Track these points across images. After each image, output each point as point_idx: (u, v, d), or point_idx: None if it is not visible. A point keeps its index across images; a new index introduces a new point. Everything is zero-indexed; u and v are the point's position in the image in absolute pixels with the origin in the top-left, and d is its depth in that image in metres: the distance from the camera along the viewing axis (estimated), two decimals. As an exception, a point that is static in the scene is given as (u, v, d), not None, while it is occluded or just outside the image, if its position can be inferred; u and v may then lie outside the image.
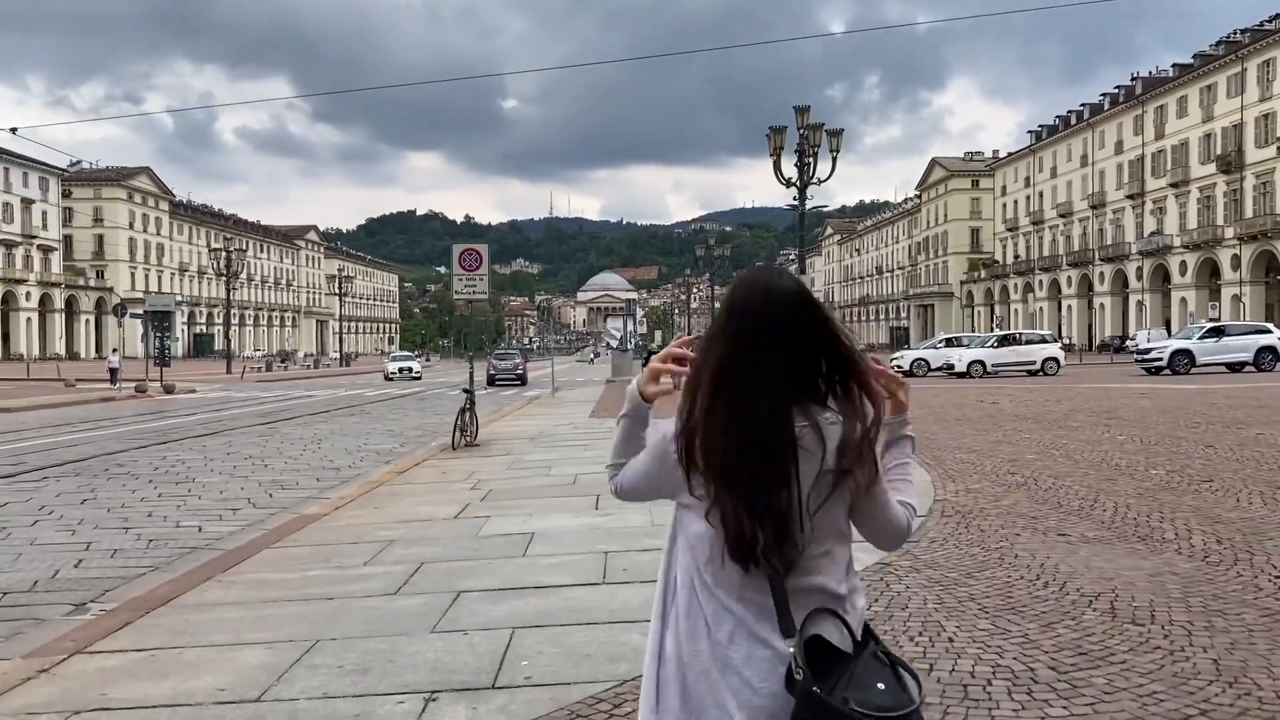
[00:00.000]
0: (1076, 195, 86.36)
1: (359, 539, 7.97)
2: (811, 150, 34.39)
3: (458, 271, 15.42)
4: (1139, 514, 7.57)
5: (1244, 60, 63.53)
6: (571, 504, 9.23)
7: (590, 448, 14.32)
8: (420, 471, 12.41)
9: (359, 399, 33.10)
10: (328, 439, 18.31)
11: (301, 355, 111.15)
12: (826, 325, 1.82)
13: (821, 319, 1.82)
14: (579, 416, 21.13)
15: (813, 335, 1.80)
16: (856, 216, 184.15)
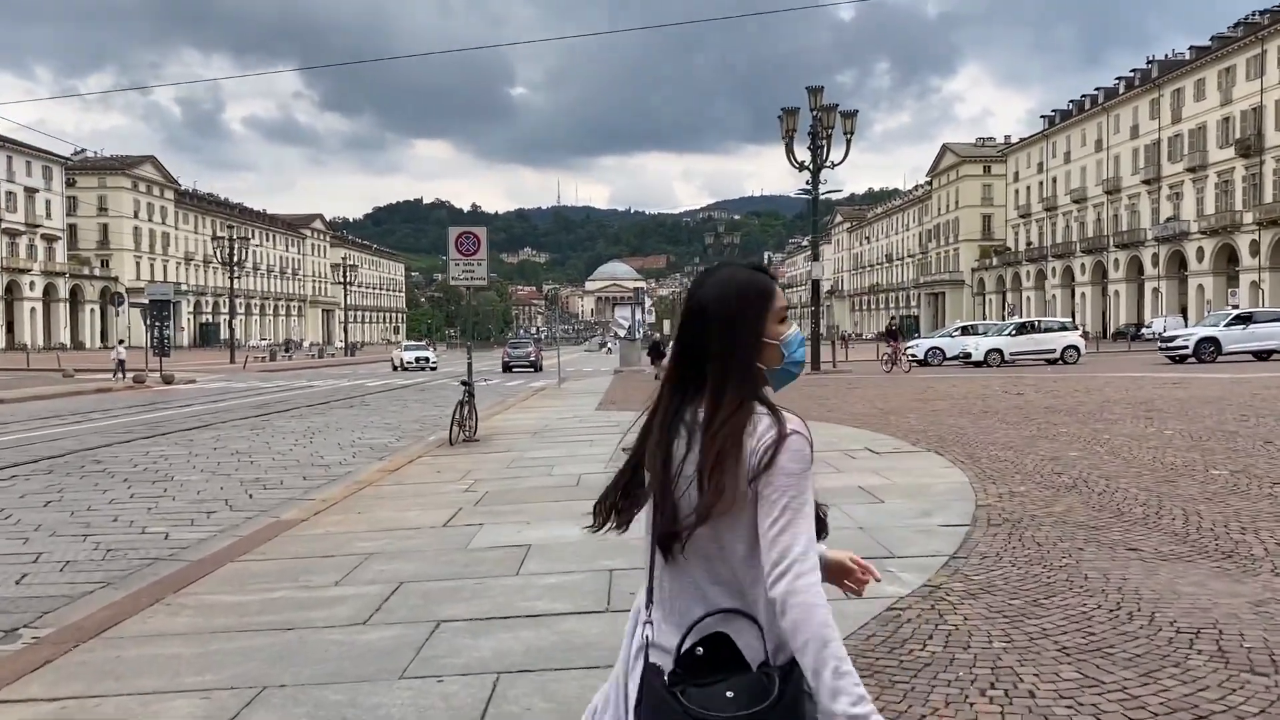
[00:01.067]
0: (1091, 181, 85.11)
1: (335, 551, 7.12)
2: (825, 132, 33.45)
3: (454, 256, 14.54)
4: (1215, 524, 6.68)
5: (1264, 42, 62.23)
6: (573, 509, 8.36)
7: (596, 443, 13.46)
8: (413, 470, 11.56)
9: (360, 390, 32.29)
10: (321, 432, 17.49)
11: (307, 345, 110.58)
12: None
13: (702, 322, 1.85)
14: (585, 409, 20.27)
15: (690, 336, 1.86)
16: (866, 204, 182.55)
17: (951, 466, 9.74)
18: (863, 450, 11.35)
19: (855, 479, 9.24)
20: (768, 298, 1.82)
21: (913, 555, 6.16)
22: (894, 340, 35.56)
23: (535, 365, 46.12)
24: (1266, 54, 62.20)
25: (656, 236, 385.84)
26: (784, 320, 1.84)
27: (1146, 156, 76.28)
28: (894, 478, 9.24)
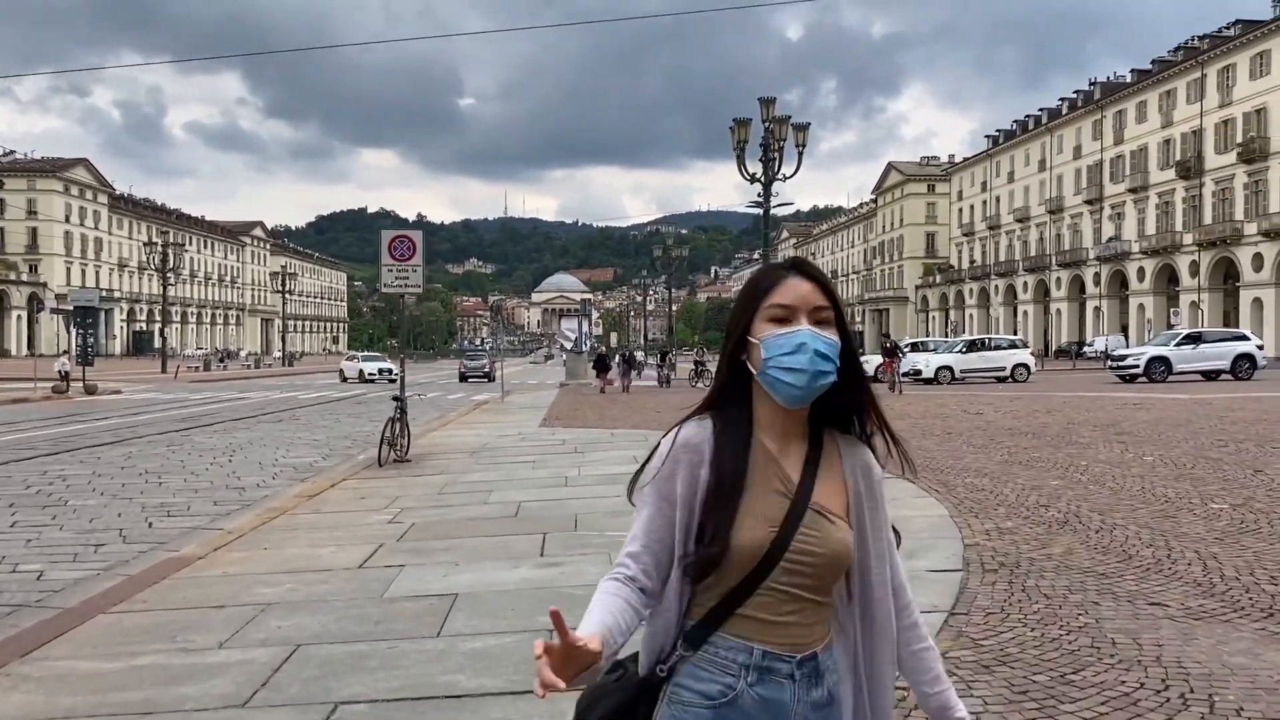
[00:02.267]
0: (1034, 200, 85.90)
1: (229, 599, 6.08)
2: (777, 145, 32.79)
3: (387, 261, 13.46)
4: (1239, 572, 5.90)
5: (1204, 66, 63.15)
6: (511, 546, 7.39)
7: (539, 465, 12.49)
8: (334, 495, 10.48)
9: (292, 402, 30.91)
10: (244, 450, 16.28)
11: (244, 354, 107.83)
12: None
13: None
14: (528, 426, 19.26)
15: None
16: (811, 221, 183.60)
17: (926, 496, 8.93)
18: (827, 476, 10.51)
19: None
20: (755, 291, 1.66)
21: (905, 611, 5.28)
22: (891, 359, 31.05)
23: (490, 376, 49.23)
24: (1206, 78, 63.12)
25: (604, 249, 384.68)
26: (780, 320, 1.61)
27: (1089, 177, 77.11)
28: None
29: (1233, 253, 60.22)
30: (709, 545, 1.56)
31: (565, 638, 1.40)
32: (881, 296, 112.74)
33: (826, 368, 1.59)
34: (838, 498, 1.63)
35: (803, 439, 1.66)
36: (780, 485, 1.60)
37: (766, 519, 1.57)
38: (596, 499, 9.44)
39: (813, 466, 1.63)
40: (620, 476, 11.03)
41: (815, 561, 1.57)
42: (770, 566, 1.55)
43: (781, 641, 1.57)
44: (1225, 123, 61.26)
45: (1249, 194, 59.48)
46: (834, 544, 1.58)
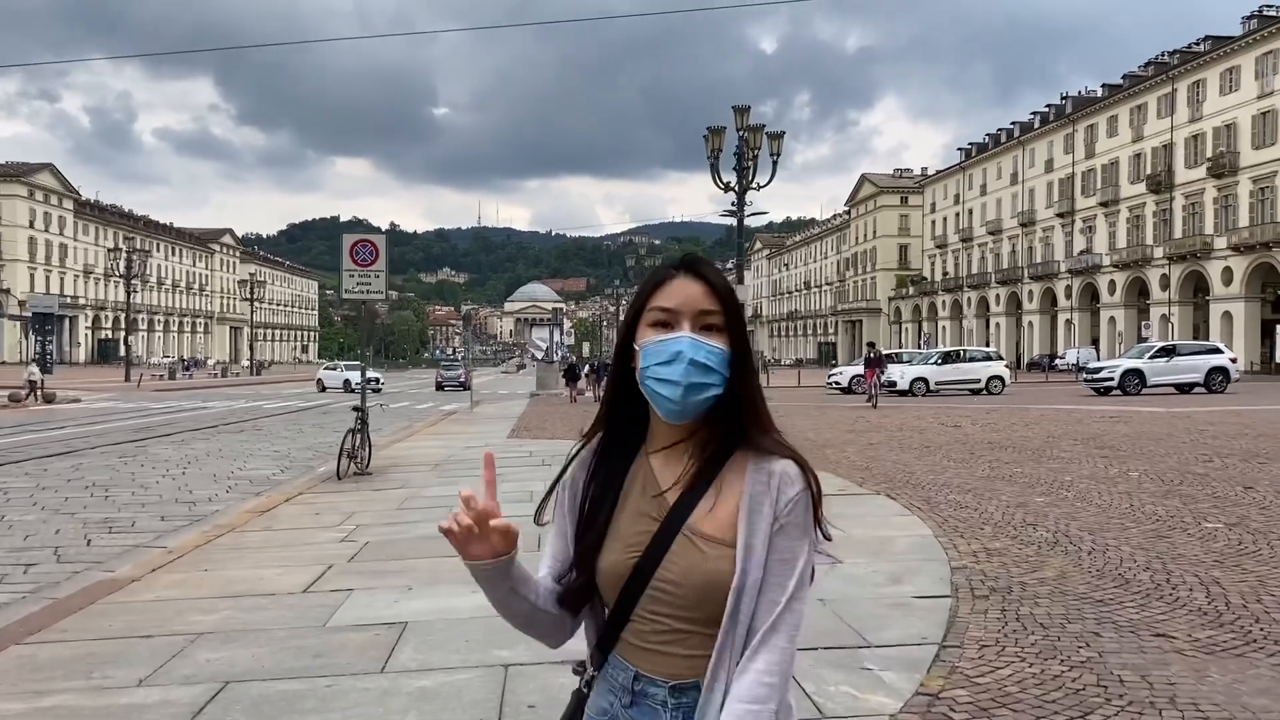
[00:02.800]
0: (1006, 213, 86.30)
1: (158, 628, 5.58)
2: (751, 153, 32.52)
3: (349, 266, 12.93)
4: (1244, 599, 5.53)
5: (1174, 81, 63.66)
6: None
7: (504, 479, 11.98)
8: (287, 511, 9.96)
9: (256, 412, 30.22)
10: (199, 462, 15.69)
11: (211, 363, 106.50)
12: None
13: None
14: (496, 437, 18.76)
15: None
16: (784, 232, 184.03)
17: (909, 514, 8.54)
18: (804, 492, 10.10)
19: (802, 530, 7.97)
20: (641, 291, 1.53)
21: (893, 644, 4.88)
22: (873, 369, 29.34)
23: (465, 385, 50.51)
24: (1176, 93, 63.61)
25: (577, 259, 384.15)
26: (662, 325, 1.47)
27: (1060, 190, 77.54)
28: (847, 528, 7.98)
29: (1203, 266, 60.60)
30: (571, 573, 1.54)
31: (491, 498, 1.45)
32: (855, 308, 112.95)
33: (704, 379, 1.45)
34: (728, 520, 1.45)
35: (696, 456, 1.50)
36: (652, 508, 1.49)
37: (630, 544, 1.47)
38: (563, 516, 8.98)
39: (699, 487, 1.47)
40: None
41: (680, 591, 1.44)
42: (635, 594, 1.46)
43: (656, 668, 1.47)
44: (1195, 137, 61.72)
45: (1219, 208, 59.91)
46: (702, 573, 1.43)
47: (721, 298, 1.48)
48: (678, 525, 1.46)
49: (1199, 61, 61.60)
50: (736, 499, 1.46)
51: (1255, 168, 56.71)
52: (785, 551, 1.43)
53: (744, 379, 1.49)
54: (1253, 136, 56.82)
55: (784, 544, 1.43)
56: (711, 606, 1.43)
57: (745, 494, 1.45)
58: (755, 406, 1.50)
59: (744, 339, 1.51)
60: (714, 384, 1.46)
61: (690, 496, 1.47)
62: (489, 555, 1.46)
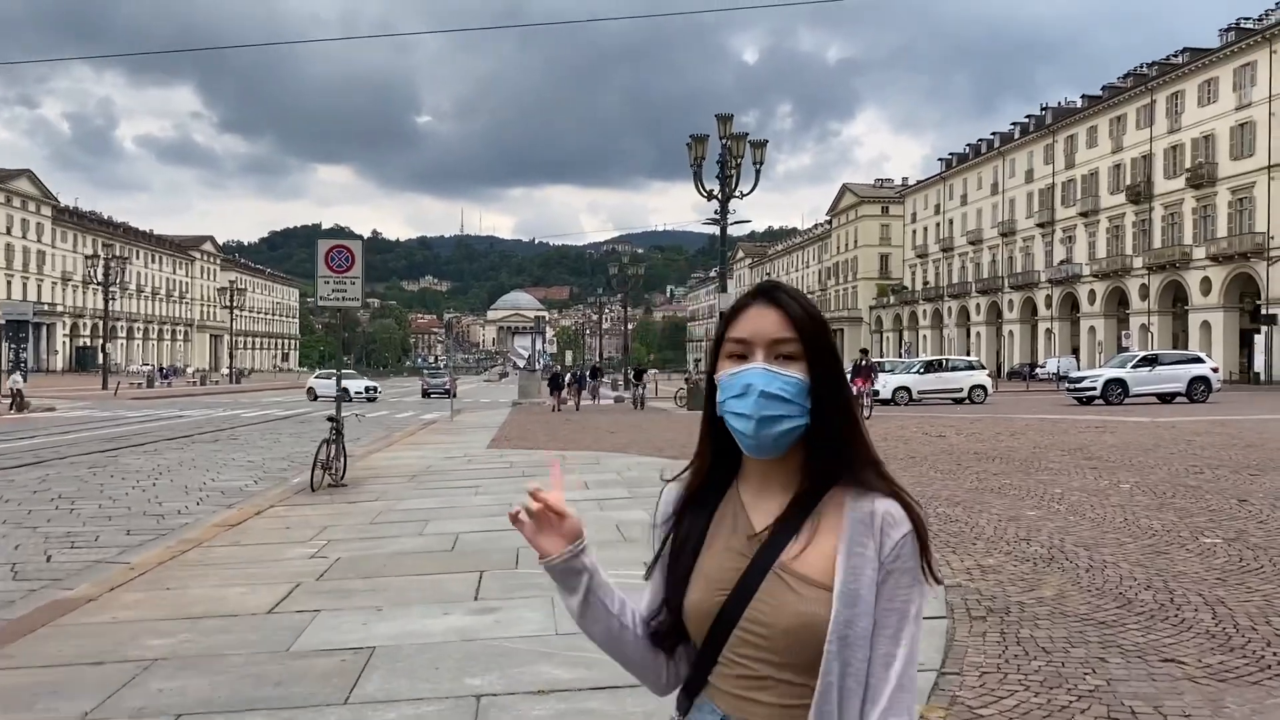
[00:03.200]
0: (986, 223, 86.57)
1: (110, 654, 5.27)
2: (734, 162, 32.36)
3: (324, 272, 12.62)
4: (1253, 620, 5.31)
5: (1153, 93, 64.01)
6: (444, 586, 6.63)
7: (482, 491, 11.71)
8: (258, 525, 9.63)
9: (233, 421, 29.79)
10: (171, 472, 15.31)
11: (190, 371, 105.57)
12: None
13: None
14: (476, 447, 18.44)
15: None
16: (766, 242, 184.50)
17: (898, 528, 8.28)
18: (790, 505, 9.87)
19: (789, 545, 7.72)
20: (721, 323, 1.49)
21: (888, 670, 4.61)
22: (864, 377, 27.50)
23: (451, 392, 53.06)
24: (1155, 105, 63.96)
25: (560, 268, 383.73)
26: (738, 356, 1.42)
27: (1040, 200, 77.82)
28: (834, 544, 7.74)
29: (1181, 276, 60.87)
30: (658, 611, 1.47)
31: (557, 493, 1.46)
32: (836, 317, 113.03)
33: (778, 411, 1.37)
34: (823, 562, 1.35)
35: (787, 490, 1.42)
36: (742, 545, 1.41)
37: (717, 582, 1.40)
38: (542, 530, 8.71)
39: (792, 524, 1.38)
40: (568, 503, 10.29)
41: (769, 633, 1.35)
42: (722, 635, 1.38)
43: (745, 715, 1.37)
44: (1174, 148, 62.05)
45: (1197, 219, 60.21)
46: (793, 615, 1.34)
47: (797, 324, 1.40)
48: (768, 563, 1.38)
49: (1177, 73, 61.96)
50: (833, 538, 1.37)
51: (1233, 178, 57.04)
52: (895, 600, 1.34)
53: (835, 409, 1.40)
54: (1230, 147, 57.15)
55: (893, 591, 1.34)
56: (803, 651, 1.35)
57: (844, 534, 1.36)
58: (851, 438, 1.41)
59: (830, 366, 1.41)
60: (791, 415, 1.38)
61: (782, 534, 1.39)
62: (558, 549, 1.44)
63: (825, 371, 1.40)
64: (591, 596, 1.47)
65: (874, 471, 1.40)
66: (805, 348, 1.40)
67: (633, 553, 7.54)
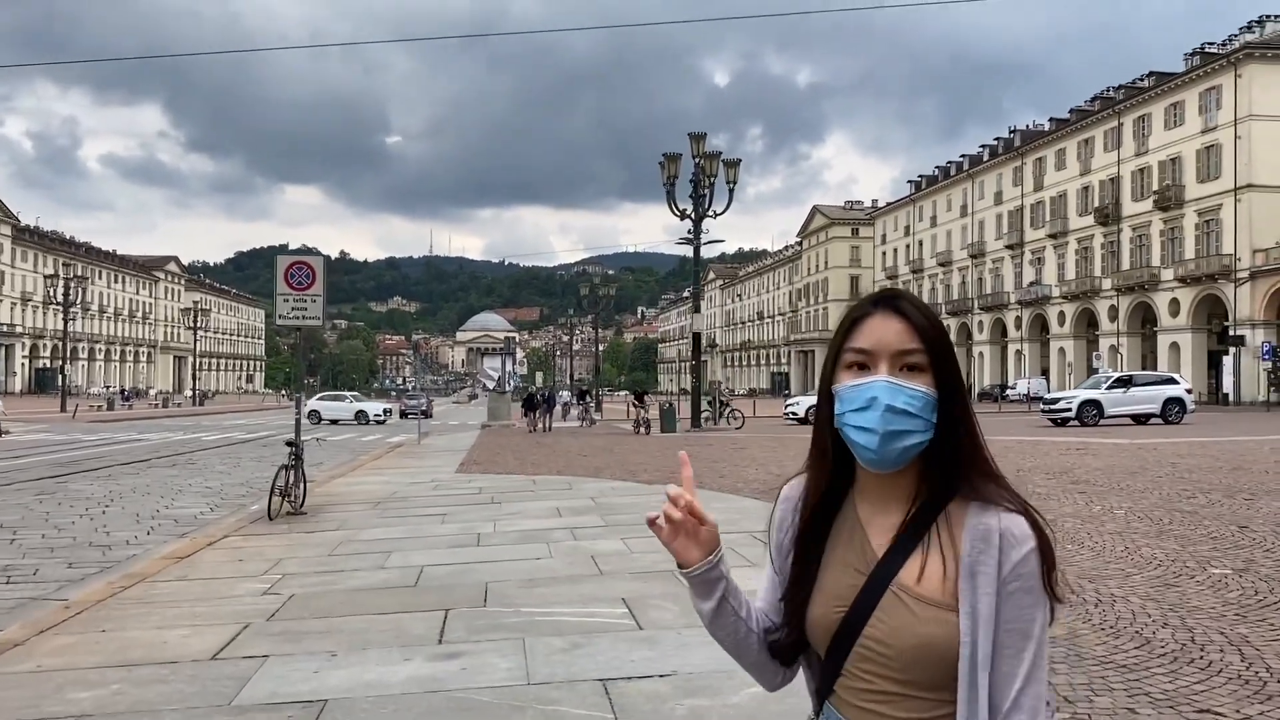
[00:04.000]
0: (956, 244, 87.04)
1: (29, 709, 4.71)
2: (708, 181, 32.10)
3: (283, 290, 12.07)
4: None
5: (1120, 116, 64.61)
6: (405, 627, 6.11)
7: (450, 519, 11.16)
8: (208, 557, 9.05)
9: (193, 444, 28.98)
10: (123, 499, 14.64)
11: (153, 393, 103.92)
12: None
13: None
14: (443, 471, 17.86)
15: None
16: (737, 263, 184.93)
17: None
18: (773, 533, 9.39)
19: (776, 578, 7.26)
20: (839, 330, 1.44)
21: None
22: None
23: (427, 413, 53.75)
24: (1123, 128, 64.55)
25: (531, 289, 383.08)
26: (858, 366, 1.38)
27: (1010, 222, 78.31)
28: (824, 576, 7.29)
29: (1150, 298, 61.27)
30: (781, 625, 1.47)
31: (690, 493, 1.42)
32: (807, 338, 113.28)
33: (904, 426, 1.32)
34: (942, 582, 1.32)
35: (905, 504, 1.38)
36: (859, 560, 1.38)
37: (836, 597, 1.38)
38: (511, 562, 8.19)
39: (909, 540, 1.35)
40: (539, 533, 9.78)
41: (890, 652, 1.32)
42: (844, 649, 1.36)
43: None
44: (1141, 171, 62.60)
45: (1165, 240, 60.68)
46: (914, 636, 1.31)
47: (923, 334, 1.36)
48: (885, 581, 1.35)
49: (1143, 97, 62.59)
50: (953, 556, 1.33)
51: (1200, 200, 57.56)
52: (1018, 620, 1.29)
53: (956, 422, 1.36)
54: (1197, 170, 57.70)
55: (1015, 612, 1.29)
56: (925, 670, 1.31)
57: (965, 552, 1.31)
58: (972, 451, 1.37)
59: (953, 378, 1.37)
60: (916, 430, 1.33)
61: (899, 551, 1.35)
62: (698, 558, 1.41)
63: (951, 383, 1.36)
64: (724, 604, 1.44)
65: (995, 485, 1.35)
66: (931, 359, 1.35)
67: (607, 588, 7.05)
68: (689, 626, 5.82)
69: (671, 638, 5.61)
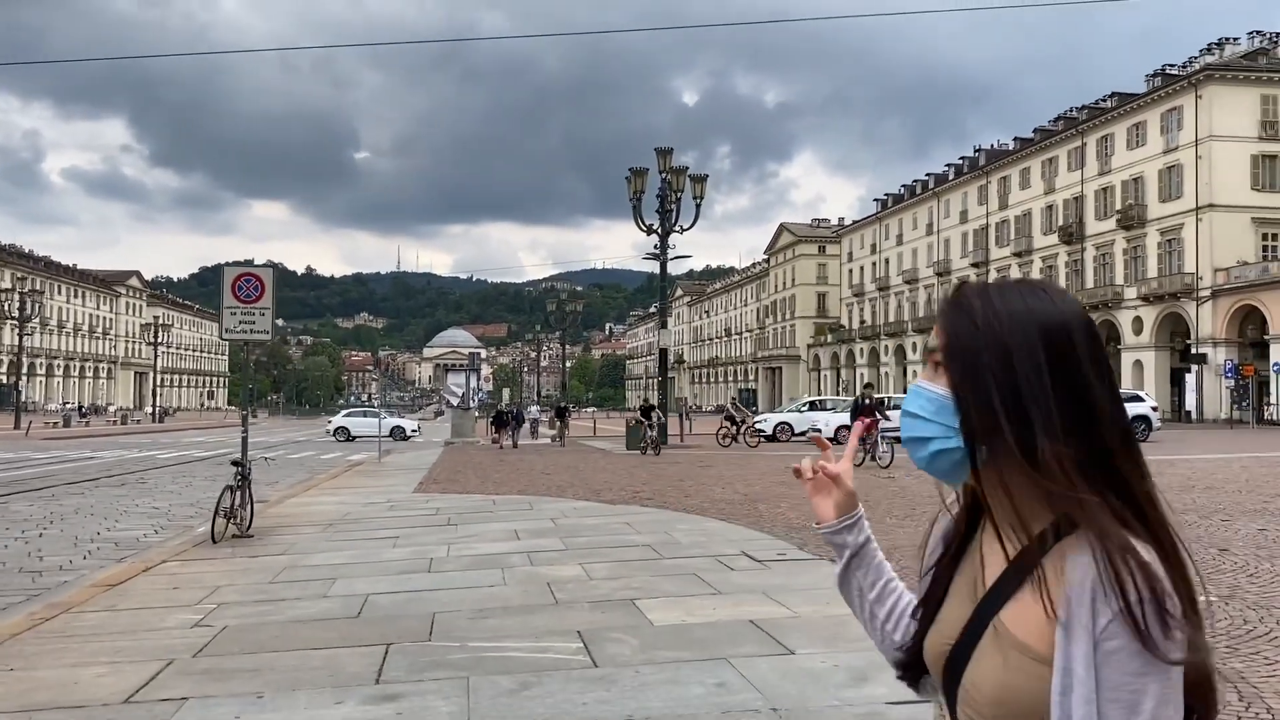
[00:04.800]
0: (922, 262, 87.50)
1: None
2: (674, 195, 31.83)
3: (230, 303, 11.56)
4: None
5: (1083, 135, 65.25)
6: (341, 665, 5.64)
7: (402, 542, 10.67)
8: (140, 585, 8.52)
9: (147, 462, 28.23)
10: (63, 521, 14.02)
11: (113, 409, 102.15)
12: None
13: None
14: (402, 491, 17.33)
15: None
16: (704, 280, 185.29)
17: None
18: (740, 557, 9.00)
19: (743, 608, 6.85)
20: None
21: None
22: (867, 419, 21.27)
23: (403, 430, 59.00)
24: (1086, 147, 65.18)
25: (499, 305, 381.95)
26: (937, 364, 1.26)
27: (975, 240, 78.82)
28: (794, 604, 6.90)
29: (1114, 316, 61.74)
30: (905, 645, 1.38)
31: (846, 463, 1.43)
32: (774, 355, 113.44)
33: (921, 432, 1.22)
34: (1037, 626, 1.13)
35: (1021, 529, 1.18)
36: (971, 589, 1.25)
37: (948, 631, 1.25)
38: (463, 590, 7.74)
39: (1018, 570, 1.17)
40: (494, 558, 9.31)
41: (980, 698, 1.18)
42: (951, 686, 1.24)
43: None
44: (1105, 190, 63.17)
45: (1128, 259, 61.21)
46: (995, 685, 1.15)
47: (945, 328, 1.22)
48: (989, 615, 1.19)
49: (1106, 117, 63.26)
50: (1054, 598, 1.12)
51: (1162, 220, 58.12)
52: (1121, 687, 1.05)
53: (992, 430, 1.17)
54: (1159, 190, 58.28)
55: (1117, 677, 1.06)
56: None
57: (1063, 595, 1.11)
58: (1060, 465, 1.13)
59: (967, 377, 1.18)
60: (936, 436, 1.22)
61: (1005, 582, 1.19)
62: (829, 518, 1.42)
63: (965, 384, 1.20)
64: (849, 575, 1.44)
65: (1106, 514, 1.10)
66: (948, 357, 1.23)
67: (562, 618, 6.61)
68: (648, 664, 5.41)
69: (629, 677, 5.19)
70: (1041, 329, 1.16)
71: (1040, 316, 1.17)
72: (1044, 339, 1.15)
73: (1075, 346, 1.16)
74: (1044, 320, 1.16)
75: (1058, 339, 1.15)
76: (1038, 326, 1.16)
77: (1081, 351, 1.16)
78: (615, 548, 9.80)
